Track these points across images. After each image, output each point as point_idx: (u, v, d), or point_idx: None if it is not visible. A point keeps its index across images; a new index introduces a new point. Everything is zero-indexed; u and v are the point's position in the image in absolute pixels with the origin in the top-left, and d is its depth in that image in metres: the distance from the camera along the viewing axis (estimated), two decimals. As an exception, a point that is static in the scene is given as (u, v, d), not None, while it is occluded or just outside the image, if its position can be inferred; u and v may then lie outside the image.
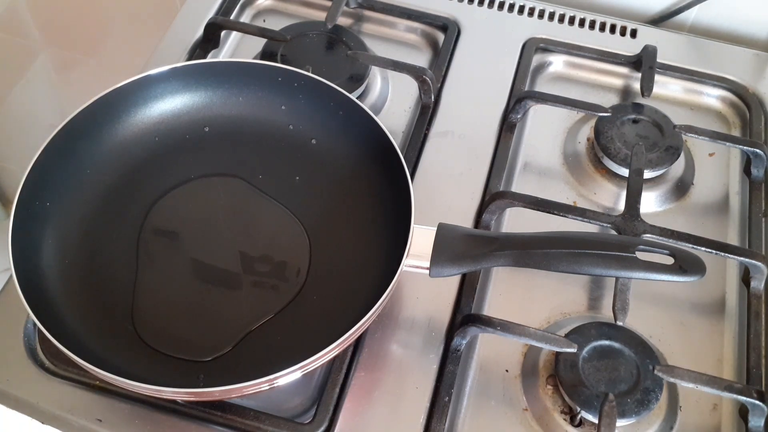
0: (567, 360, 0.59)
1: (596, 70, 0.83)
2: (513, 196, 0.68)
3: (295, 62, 0.76)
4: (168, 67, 0.67)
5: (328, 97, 0.67)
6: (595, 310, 0.66)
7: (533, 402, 0.61)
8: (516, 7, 0.86)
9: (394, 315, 0.64)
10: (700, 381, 0.58)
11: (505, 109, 0.78)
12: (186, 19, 0.84)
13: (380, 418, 0.59)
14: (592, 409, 0.57)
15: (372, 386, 0.60)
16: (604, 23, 0.85)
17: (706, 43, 0.84)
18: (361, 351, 0.62)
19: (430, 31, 0.85)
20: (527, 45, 0.83)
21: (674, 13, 0.87)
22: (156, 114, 0.69)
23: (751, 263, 0.64)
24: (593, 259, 0.55)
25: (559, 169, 0.75)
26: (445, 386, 0.60)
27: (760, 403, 0.57)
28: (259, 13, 0.87)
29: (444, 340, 0.63)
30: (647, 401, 0.58)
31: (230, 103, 0.70)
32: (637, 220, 0.66)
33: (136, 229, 0.64)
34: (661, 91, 0.81)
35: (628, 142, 0.73)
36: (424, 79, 0.75)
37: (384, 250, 0.61)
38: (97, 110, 0.65)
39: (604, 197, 0.73)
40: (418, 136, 0.74)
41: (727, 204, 0.74)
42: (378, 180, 0.65)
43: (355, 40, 0.80)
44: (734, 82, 0.80)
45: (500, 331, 0.59)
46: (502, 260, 0.56)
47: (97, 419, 0.59)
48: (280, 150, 0.69)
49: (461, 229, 0.59)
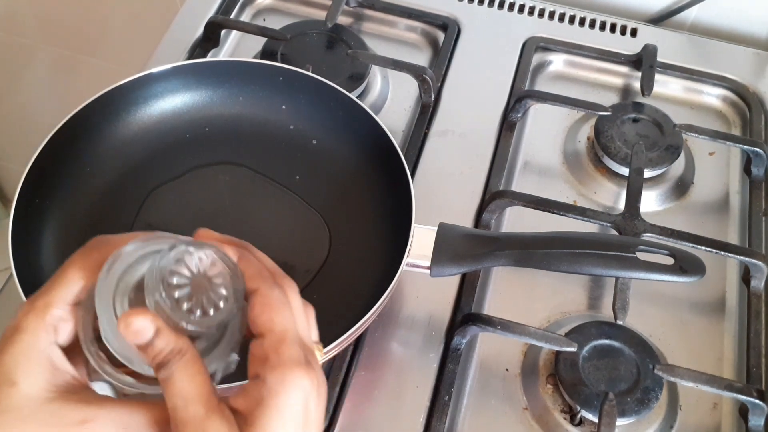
0: (567, 359, 0.59)
1: (596, 69, 0.83)
2: (513, 195, 0.68)
3: (295, 61, 0.76)
4: (169, 66, 0.67)
5: (328, 97, 0.67)
6: (595, 309, 0.66)
7: (533, 401, 0.61)
8: (516, 6, 0.86)
9: (394, 314, 0.64)
10: (700, 380, 0.58)
11: (505, 108, 0.78)
12: (186, 18, 0.83)
13: (380, 417, 0.59)
14: (592, 408, 0.57)
15: (372, 385, 0.60)
16: (604, 22, 0.85)
17: (706, 42, 0.85)
18: (361, 350, 0.62)
19: (431, 30, 0.85)
20: (527, 44, 0.83)
21: (674, 12, 0.87)
22: (156, 113, 0.69)
23: (751, 262, 0.64)
24: (593, 259, 0.55)
25: (559, 168, 0.75)
26: (445, 385, 0.60)
27: (760, 402, 0.57)
28: (259, 12, 0.87)
29: (444, 339, 0.63)
30: (647, 400, 0.58)
31: (230, 103, 0.70)
32: (637, 219, 0.66)
33: (130, 224, 0.64)
34: (662, 90, 0.81)
35: (629, 141, 0.73)
36: (424, 78, 0.75)
37: (384, 249, 0.61)
38: (98, 108, 0.65)
39: (604, 196, 0.73)
40: (419, 135, 0.74)
41: (727, 203, 0.74)
42: (378, 179, 0.65)
43: (355, 39, 0.80)
44: (734, 81, 0.80)
45: (500, 330, 0.59)
46: (503, 260, 0.56)
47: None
48: (281, 149, 0.69)
49: (462, 228, 0.59)
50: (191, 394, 0.35)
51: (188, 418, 0.34)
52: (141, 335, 0.35)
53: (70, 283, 0.38)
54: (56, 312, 0.37)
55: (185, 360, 0.35)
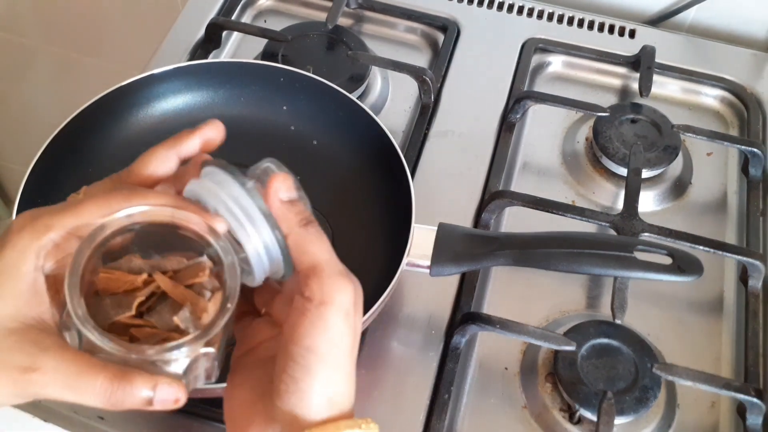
0: (566, 358, 0.60)
1: (595, 70, 0.83)
2: (512, 196, 0.68)
3: (295, 62, 0.77)
4: (171, 67, 0.68)
5: (329, 98, 0.67)
6: (593, 309, 0.66)
7: (532, 400, 0.61)
8: (515, 8, 0.86)
9: (394, 313, 0.64)
10: (698, 379, 0.58)
11: (504, 108, 0.78)
12: (188, 19, 0.84)
13: (380, 416, 0.59)
14: (590, 407, 0.58)
15: (372, 384, 0.61)
16: (602, 23, 0.85)
17: (704, 43, 0.85)
18: (361, 349, 0.62)
19: (430, 32, 0.85)
20: (526, 45, 0.83)
21: (672, 13, 0.87)
22: (158, 113, 0.69)
23: (749, 262, 0.65)
24: (592, 259, 0.55)
25: (558, 169, 0.76)
26: (444, 384, 0.60)
27: (757, 401, 0.57)
28: (260, 14, 0.87)
29: (444, 338, 0.63)
30: (645, 399, 0.58)
31: (232, 103, 0.70)
32: (635, 219, 0.67)
33: None
34: (660, 91, 0.81)
35: (627, 142, 0.74)
36: (424, 79, 0.76)
37: (385, 249, 0.61)
38: (100, 109, 0.65)
39: (602, 196, 0.74)
40: (418, 135, 0.75)
41: (725, 203, 0.74)
42: (378, 180, 0.65)
43: (355, 40, 0.80)
44: (732, 82, 0.81)
45: (499, 329, 0.59)
46: (502, 260, 0.57)
47: (98, 417, 0.59)
48: (281, 150, 0.69)
49: (461, 228, 0.59)
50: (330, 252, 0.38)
51: (337, 271, 0.37)
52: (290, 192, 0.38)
53: (82, 215, 0.36)
54: (53, 236, 0.36)
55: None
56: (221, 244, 0.38)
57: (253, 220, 0.38)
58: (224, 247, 0.38)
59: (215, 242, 0.38)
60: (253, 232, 0.38)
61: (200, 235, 0.38)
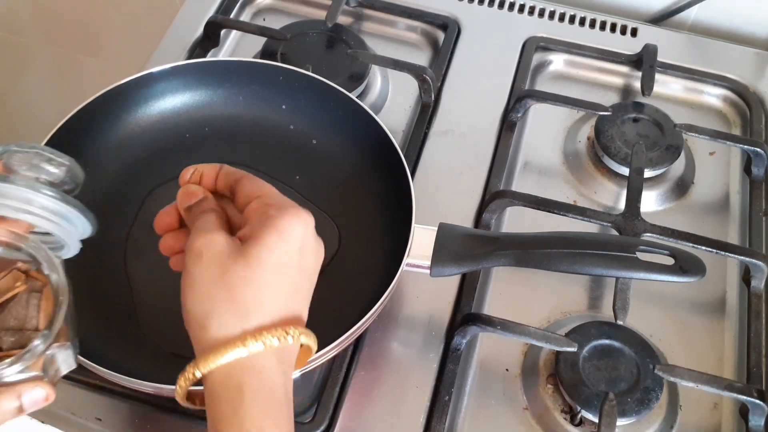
0: (567, 359, 0.59)
1: (597, 69, 0.83)
2: (513, 195, 0.68)
3: (295, 61, 0.76)
4: (169, 65, 0.67)
5: (328, 97, 0.67)
6: (595, 310, 0.66)
7: (533, 401, 0.61)
8: (516, 6, 0.86)
9: (394, 314, 0.64)
10: (701, 380, 0.58)
11: (505, 107, 0.77)
12: (186, 17, 0.83)
13: (380, 417, 0.59)
14: (592, 409, 0.57)
15: (372, 385, 0.60)
16: (604, 22, 0.85)
17: (706, 41, 0.84)
18: (361, 350, 0.62)
19: (431, 30, 0.85)
20: (527, 44, 0.83)
21: (675, 11, 0.87)
22: (156, 112, 0.69)
23: (752, 262, 0.64)
24: (594, 260, 0.55)
25: (559, 168, 0.75)
26: (445, 385, 0.60)
27: (760, 402, 0.57)
28: (259, 12, 0.87)
29: (444, 339, 0.63)
30: (647, 400, 0.58)
31: (230, 102, 0.70)
32: (637, 219, 0.66)
33: (130, 223, 0.64)
34: (662, 89, 0.81)
35: (629, 141, 0.73)
36: (424, 77, 0.75)
37: (385, 249, 0.61)
38: (97, 108, 0.65)
39: (604, 196, 0.73)
40: (419, 135, 0.74)
41: (727, 203, 0.74)
42: (378, 179, 0.65)
43: (355, 38, 0.80)
44: (735, 81, 0.80)
45: (500, 330, 0.59)
46: (503, 260, 0.56)
47: (96, 418, 0.59)
48: (281, 149, 0.69)
49: (462, 228, 0.59)
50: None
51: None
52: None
53: None
54: None
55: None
56: (29, 243, 0.38)
57: (30, 201, 0.38)
58: (34, 245, 0.38)
59: (23, 244, 0.38)
60: (38, 209, 0.38)
61: (9, 243, 0.38)
